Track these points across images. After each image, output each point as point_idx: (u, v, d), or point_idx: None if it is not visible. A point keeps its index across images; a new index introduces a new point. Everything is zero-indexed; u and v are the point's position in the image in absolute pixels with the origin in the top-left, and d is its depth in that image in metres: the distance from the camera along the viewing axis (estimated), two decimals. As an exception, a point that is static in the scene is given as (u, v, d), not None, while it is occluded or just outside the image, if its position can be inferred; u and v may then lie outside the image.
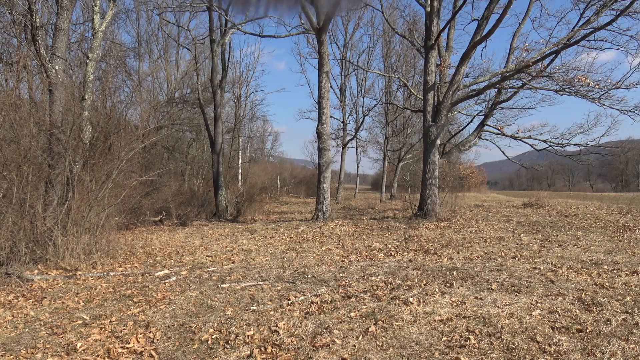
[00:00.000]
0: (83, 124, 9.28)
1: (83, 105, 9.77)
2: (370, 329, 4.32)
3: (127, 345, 4.13)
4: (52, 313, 5.19)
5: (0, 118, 8.30)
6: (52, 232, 7.59)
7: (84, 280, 6.74)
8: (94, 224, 8.36)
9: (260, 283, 6.36)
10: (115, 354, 3.95)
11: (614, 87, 13.95)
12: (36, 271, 7.07)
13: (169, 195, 17.17)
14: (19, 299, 5.77)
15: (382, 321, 4.53)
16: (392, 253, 8.69)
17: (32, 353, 4.01)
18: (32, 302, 5.65)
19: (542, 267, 6.82)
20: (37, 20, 9.00)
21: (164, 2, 22.80)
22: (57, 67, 9.03)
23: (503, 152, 20.79)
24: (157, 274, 7.12)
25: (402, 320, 4.54)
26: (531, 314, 4.57)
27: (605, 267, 6.75)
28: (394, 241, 10.17)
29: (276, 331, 4.36)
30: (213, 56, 18.41)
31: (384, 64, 31.01)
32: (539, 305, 4.87)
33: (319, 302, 5.27)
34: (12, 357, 3.95)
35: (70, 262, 7.44)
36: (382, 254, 8.63)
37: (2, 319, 4.96)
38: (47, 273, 7.04)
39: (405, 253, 8.67)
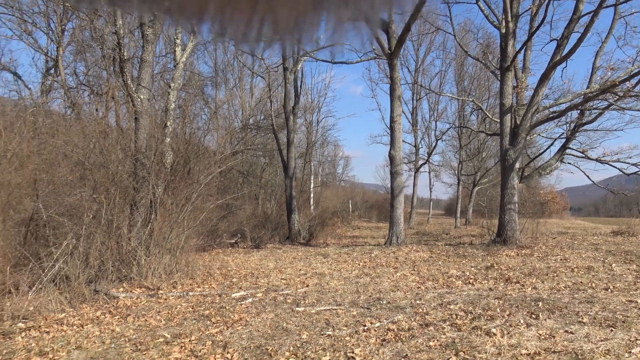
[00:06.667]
0: (165, 150, 9.73)
1: (165, 132, 10.27)
2: (451, 360, 4.12)
3: (206, 365, 4.18)
4: (135, 330, 5.38)
5: (91, 144, 8.91)
6: (137, 252, 7.95)
7: (165, 300, 6.97)
8: (174, 245, 8.68)
9: (335, 308, 6.28)
10: (195, 373, 4.01)
11: None
12: (121, 289, 7.41)
13: (243, 218, 17.58)
14: (106, 315, 6.04)
15: (464, 352, 4.31)
16: (471, 281, 8.33)
17: (118, 368, 4.16)
18: (118, 318, 5.90)
19: (639, 301, 6.26)
20: (125, 54, 9.61)
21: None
22: (142, 97, 9.57)
23: (588, 177, 19.28)
24: (233, 296, 7.24)
25: (485, 352, 4.29)
26: (630, 352, 4.17)
27: None
28: (472, 268, 9.75)
29: (352, 357, 4.26)
30: (286, 83, 18.87)
31: (457, 87, 30.43)
32: (639, 342, 4.44)
33: (395, 330, 5.11)
34: (99, 371, 4.11)
35: (153, 281, 7.73)
36: (459, 282, 8.29)
37: (91, 334, 5.20)
38: (131, 291, 7.35)
39: (485, 281, 8.28)
